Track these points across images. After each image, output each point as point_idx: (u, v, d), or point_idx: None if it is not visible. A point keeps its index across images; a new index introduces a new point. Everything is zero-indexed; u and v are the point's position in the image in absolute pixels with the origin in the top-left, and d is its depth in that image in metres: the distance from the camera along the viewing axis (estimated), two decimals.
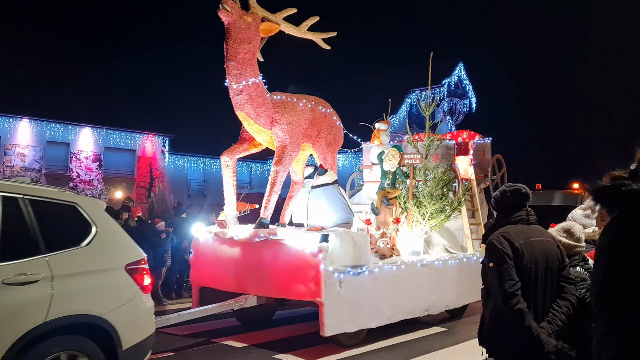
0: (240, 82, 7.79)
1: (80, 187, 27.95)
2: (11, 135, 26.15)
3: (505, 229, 3.83)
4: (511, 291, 3.56)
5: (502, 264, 3.64)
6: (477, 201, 11.27)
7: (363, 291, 7.85)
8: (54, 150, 27.73)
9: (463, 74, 35.91)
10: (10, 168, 25.94)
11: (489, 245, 3.80)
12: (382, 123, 10.44)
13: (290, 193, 9.27)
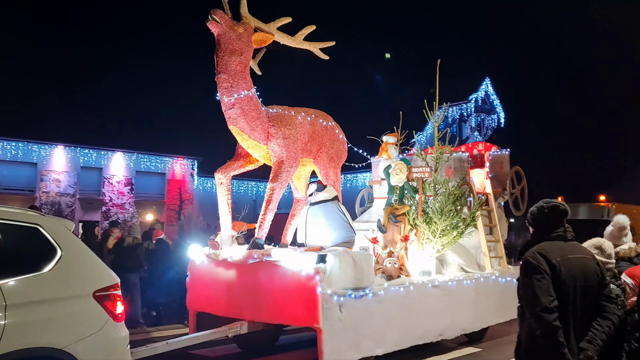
0: (232, 95, 7.30)
1: (112, 210, 28.28)
2: (47, 162, 26.61)
3: (542, 246, 3.73)
4: (550, 306, 3.46)
5: (540, 279, 3.55)
6: (495, 216, 10.52)
7: (366, 315, 7.19)
8: (87, 175, 28.12)
9: (490, 89, 35.26)
10: (46, 194, 26.38)
11: (525, 262, 3.70)
12: (390, 136, 9.83)
13: (293, 211, 8.71)
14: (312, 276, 6.70)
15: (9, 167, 25.71)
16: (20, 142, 25.82)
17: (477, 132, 35.04)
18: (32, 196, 25.73)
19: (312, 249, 7.27)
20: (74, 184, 27.34)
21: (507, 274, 10.02)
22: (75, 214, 27.07)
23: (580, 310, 3.63)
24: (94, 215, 27.60)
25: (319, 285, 6.65)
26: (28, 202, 21.94)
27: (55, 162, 26.85)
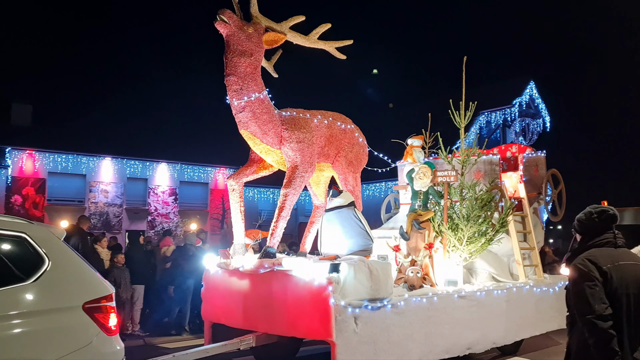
0: (242, 98, 6.94)
1: (158, 220, 28.68)
2: (95, 173, 27.19)
3: (591, 252, 3.64)
4: (604, 314, 3.38)
5: (592, 286, 3.46)
6: (530, 222, 9.83)
7: (385, 328, 6.68)
8: (133, 186, 28.55)
9: (535, 93, 34.22)
10: (95, 204, 26.90)
11: (575, 269, 3.60)
12: (415, 138, 9.29)
13: (312, 218, 8.26)
14: (325, 286, 6.25)
15: (59, 179, 26.36)
16: (70, 155, 26.46)
17: (521, 136, 34.06)
18: (82, 207, 26.24)
19: (326, 257, 6.83)
20: (121, 194, 27.79)
21: (543, 284, 9.33)
22: (123, 223, 27.51)
23: (634, 318, 3.48)
24: (140, 225, 27.97)
25: (332, 296, 6.19)
26: (78, 212, 22.28)
27: (103, 174, 27.44)
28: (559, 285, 9.71)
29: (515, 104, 32.91)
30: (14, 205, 24.67)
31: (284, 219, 7.02)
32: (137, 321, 11.11)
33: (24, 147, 25.23)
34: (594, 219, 3.79)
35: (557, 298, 9.62)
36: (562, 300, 9.58)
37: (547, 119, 34.42)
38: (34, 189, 25.24)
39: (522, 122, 33.74)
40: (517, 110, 32.95)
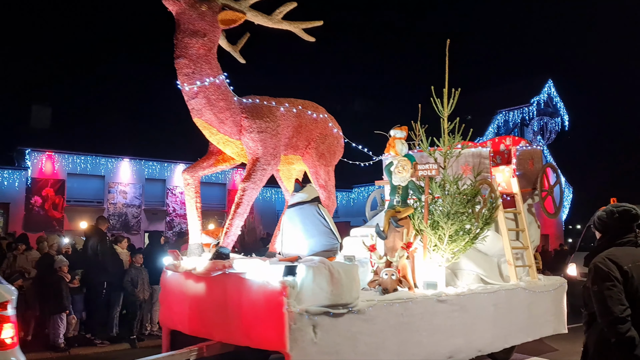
0: (194, 83, 6.19)
1: (176, 220, 28.27)
2: (114, 175, 26.86)
3: (612, 252, 3.56)
4: (622, 316, 3.31)
5: (611, 287, 3.39)
6: (524, 220, 8.97)
7: (350, 337, 5.89)
8: (152, 187, 28.16)
9: (553, 91, 33.36)
10: (113, 205, 26.55)
11: (594, 269, 3.52)
12: (398, 130, 8.45)
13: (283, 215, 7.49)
14: (279, 291, 5.47)
15: (79, 180, 26.08)
16: (89, 156, 26.15)
17: (540, 136, 33.21)
18: (101, 207, 25.94)
19: (287, 258, 6.06)
20: (139, 195, 27.38)
21: (536, 286, 8.46)
22: (141, 224, 27.18)
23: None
24: (159, 226, 27.55)
25: (286, 302, 5.41)
26: (97, 213, 21.89)
27: (122, 175, 27.13)
28: (555, 287, 8.84)
29: (534, 102, 32.17)
30: (34, 206, 24.44)
31: (241, 216, 6.26)
32: (155, 321, 10.70)
33: (43, 148, 24.97)
34: (616, 218, 3.69)
35: (552, 301, 8.77)
36: (558, 304, 8.78)
37: (566, 117, 33.52)
38: (53, 190, 25.00)
39: (540, 121, 33.00)
40: (535, 109, 32.28)
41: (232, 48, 7.34)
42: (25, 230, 20.59)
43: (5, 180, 24.17)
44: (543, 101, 32.80)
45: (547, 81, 33.31)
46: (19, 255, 9.96)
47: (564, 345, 9.49)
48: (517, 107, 32.09)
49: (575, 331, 10.80)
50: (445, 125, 7.69)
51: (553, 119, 33.51)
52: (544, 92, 32.92)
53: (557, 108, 33.68)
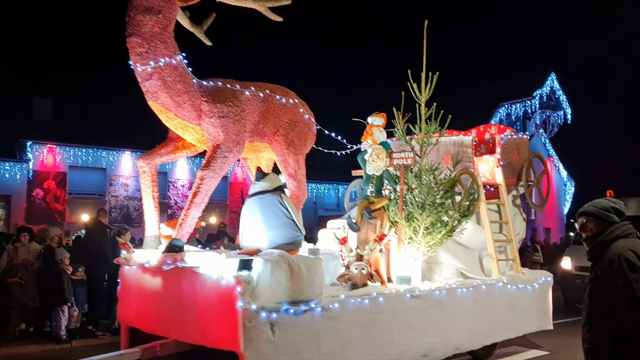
0: (148, 64, 5.72)
1: (178, 213, 27.97)
2: (115, 167, 26.57)
3: (627, 244, 3.44)
4: None
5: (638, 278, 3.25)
6: (508, 212, 8.50)
7: (313, 335, 5.45)
8: None
9: (556, 85, 32.93)
10: (115, 198, 26.32)
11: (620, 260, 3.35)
12: (376, 117, 7.95)
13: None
14: (232, 287, 5.02)
15: (80, 173, 25.81)
16: (90, 149, 25.86)
17: (542, 129, 32.84)
18: (102, 200, 25.68)
19: (246, 252, 5.60)
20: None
21: (520, 281, 8.00)
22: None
23: None
24: (161, 219, 27.03)
25: (241, 298, 4.96)
26: (98, 205, 21.59)
27: (123, 167, 26.79)
28: (540, 281, 8.39)
29: (536, 95, 31.86)
30: (35, 198, 24.21)
31: (197, 206, 5.80)
32: None
33: (44, 141, 24.67)
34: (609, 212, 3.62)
35: (537, 296, 8.32)
36: (543, 299, 8.31)
37: (568, 110, 33.14)
38: (55, 183, 24.81)
39: (542, 114, 32.72)
40: (537, 102, 32.07)
41: (197, 29, 6.86)
42: (27, 222, 20.41)
43: (7, 173, 23.96)
44: (546, 94, 32.56)
45: (550, 74, 33.03)
46: (21, 247, 9.65)
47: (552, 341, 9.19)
48: (520, 100, 31.86)
49: (563, 327, 10.56)
50: (423, 111, 7.21)
51: (555, 112, 33.18)
52: (546, 85, 32.68)
53: (560, 101, 33.38)
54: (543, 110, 32.81)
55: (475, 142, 9.19)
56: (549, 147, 35.72)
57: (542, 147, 35.47)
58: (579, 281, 11.53)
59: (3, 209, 23.60)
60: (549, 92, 32.98)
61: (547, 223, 34.60)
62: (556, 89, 33.26)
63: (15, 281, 9.20)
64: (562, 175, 36.21)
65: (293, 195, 6.99)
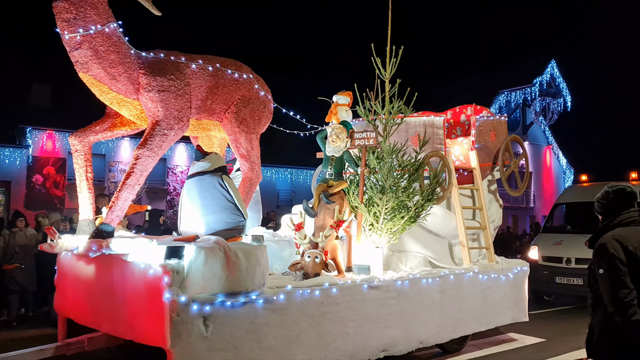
0: (76, 31, 5.15)
1: (177, 199, 27.72)
2: (115, 153, 26.34)
3: (617, 232, 3.49)
4: (626, 300, 3.26)
5: (615, 271, 3.33)
6: (482, 197, 7.98)
7: (254, 330, 4.94)
8: None
9: (556, 72, 32.49)
10: (114, 184, 25.90)
11: (600, 249, 3.46)
12: (341, 95, 7.40)
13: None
14: (160, 277, 4.49)
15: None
16: None
17: (542, 116, 32.35)
18: (102, 186, 25.34)
19: (183, 238, 5.07)
20: None
21: (492, 270, 7.50)
22: (142, 203, 26.46)
23: None
24: (159, 205, 26.89)
25: (168, 289, 4.43)
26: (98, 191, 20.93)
27: (123, 153, 26.48)
28: (514, 271, 7.88)
29: (536, 83, 31.49)
30: (35, 184, 23.93)
31: (131, 187, 5.28)
32: None
33: (43, 127, 24.32)
34: (612, 198, 3.65)
35: (511, 286, 7.83)
36: (518, 289, 7.79)
37: (568, 98, 32.64)
38: (54, 169, 24.55)
39: (542, 101, 32.34)
40: (537, 89, 31.66)
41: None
42: (26, 208, 20.27)
43: (7, 159, 23.65)
44: (546, 81, 32.11)
45: (550, 61, 32.57)
46: (17, 233, 9.38)
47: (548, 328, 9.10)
48: (520, 88, 31.45)
49: (559, 314, 10.22)
50: (387, 88, 6.65)
51: (555, 99, 32.66)
52: (546, 72, 32.24)
53: (560, 88, 32.90)
54: (543, 97, 32.26)
55: (450, 124, 8.67)
56: (548, 135, 35.18)
57: (542, 135, 34.96)
58: (546, 272, 11.03)
59: (3, 195, 23.31)
60: (549, 80, 32.43)
61: (545, 211, 34.16)
62: (556, 76, 32.73)
63: (15, 267, 9.03)
64: (562, 163, 35.70)
65: (246, 178, 6.47)
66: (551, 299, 11.69)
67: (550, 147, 35.73)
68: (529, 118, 33.32)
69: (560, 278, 10.91)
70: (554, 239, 11.55)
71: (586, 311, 3.75)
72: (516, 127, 33.16)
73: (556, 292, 11.25)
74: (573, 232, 11.56)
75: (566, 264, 10.92)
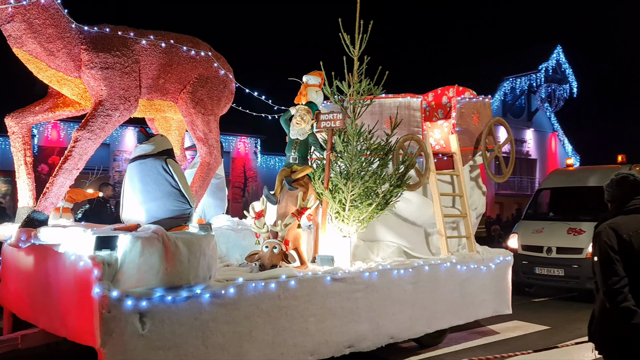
0: (7, 2, 4.72)
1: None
2: (119, 143, 26.16)
3: (615, 220, 3.53)
4: (615, 288, 3.34)
5: (606, 258, 3.41)
6: (462, 183, 7.56)
7: (199, 326, 4.56)
8: None
9: (562, 58, 31.84)
10: (119, 173, 25.65)
11: (595, 237, 3.55)
12: (312, 76, 6.96)
13: None
14: (89, 270, 4.10)
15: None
16: None
17: (547, 103, 31.77)
18: (107, 175, 24.92)
19: (124, 227, 4.67)
20: None
21: (472, 261, 7.09)
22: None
23: None
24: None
25: (98, 283, 4.04)
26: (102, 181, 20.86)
27: (127, 143, 26.23)
28: (496, 261, 7.47)
29: (542, 69, 30.89)
30: (40, 173, 23.47)
31: (67, 172, 4.88)
32: None
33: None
34: (615, 187, 3.68)
35: (492, 277, 7.43)
36: (500, 281, 7.38)
37: (575, 84, 32.02)
38: (59, 158, 24.19)
39: (548, 87, 31.71)
40: (543, 75, 30.99)
41: None
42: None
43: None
44: (551, 68, 31.50)
45: (556, 47, 31.88)
46: None
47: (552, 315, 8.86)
48: (525, 74, 30.80)
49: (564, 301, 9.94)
50: (355, 67, 6.20)
51: (561, 85, 32.05)
52: (552, 58, 31.60)
53: (566, 75, 32.22)
54: (548, 83, 31.62)
55: (431, 106, 8.23)
56: (554, 121, 34.57)
57: (547, 121, 34.35)
58: (526, 262, 10.44)
59: (9, 185, 23.06)
60: (555, 65, 31.76)
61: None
62: (562, 62, 32.06)
63: None
64: (567, 150, 35.11)
65: (203, 163, 6.06)
66: (532, 290, 11.14)
67: (556, 133, 35.08)
68: (534, 105, 32.72)
69: (540, 268, 10.37)
70: (535, 227, 10.92)
71: (592, 298, 3.81)
72: (521, 113, 32.61)
73: (536, 283, 10.69)
74: (556, 220, 10.91)
75: (547, 254, 10.35)
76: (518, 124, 31.78)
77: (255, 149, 30.46)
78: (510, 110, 31.28)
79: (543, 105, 32.39)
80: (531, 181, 33.29)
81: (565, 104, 32.71)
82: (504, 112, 30.77)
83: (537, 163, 33.60)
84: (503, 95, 30.75)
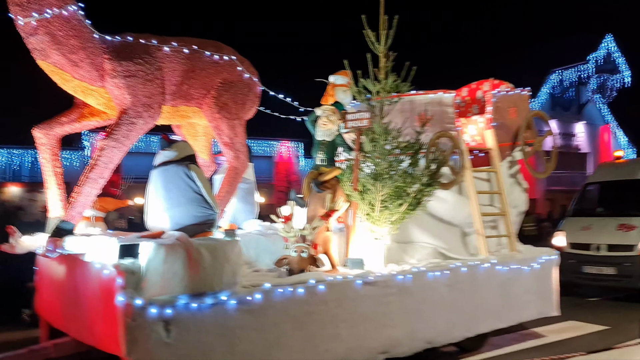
0: (30, 15, 4.81)
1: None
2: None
3: None
4: None
5: None
6: (501, 180, 7.27)
7: (226, 334, 4.49)
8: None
9: (612, 47, 30.64)
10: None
11: None
12: (338, 75, 6.85)
13: None
14: (113, 278, 4.10)
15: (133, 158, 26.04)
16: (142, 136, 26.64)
17: (599, 94, 30.70)
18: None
19: (150, 234, 4.67)
20: None
21: (513, 261, 6.80)
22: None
23: None
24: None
25: (122, 292, 4.03)
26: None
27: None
28: (540, 261, 7.15)
29: (591, 60, 29.70)
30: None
31: (93, 181, 4.92)
32: None
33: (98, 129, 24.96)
34: None
35: (536, 277, 7.11)
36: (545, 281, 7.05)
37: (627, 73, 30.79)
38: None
39: (599, 78, 30.76)
40: (592, 66, 29.89)
41: None
42: None
43: (65, 161, 23.97)
44: (602, 58, 30.30)
45: (606, 36, 30.63)
46: None
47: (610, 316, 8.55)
48: (573, 65, 29.82)
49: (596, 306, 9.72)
50: (382, 64, 6.03)
51: (613, 75, 30.84)
52: (602, 47, 30.42)
53: (617, 64, 30.90)
54: (599, 74, 30.51)
55: (466, 102, 7.96)
56: (605, 113, 33.23)
57: (598, 114, 33.07)
58: (574, 261, 9.92)
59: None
60: (605, 55, 30.48)
61: None
62: (612, 52, 30.71)
63: None
64: (622, 143, 33.66)
65: (230, 167, 6.02)
66: (580, 290, 10.63)
67: (608, 125, 33.66)
68: (584, 97, 31.54)
69: (589, 267, 9.89)
70: (582, 224, 10.41)
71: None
72: (570, 106, 31.52)
73: (584, 282, 10.19)
74: (605, 215, 10.37)
75: (596, 252, 9.89)
76: (567, 117, 30.75)
77: (297, 153, 30.54)
78: (560, 103, 30.20)
79: (594, 97, 31.24)
80: (583, 176, 32.10)
81: (618, 94, 31.45)
82: (553, 105, 29.84)
83: (590, 157, 32.39)
84: (551, 88, 29.77)
